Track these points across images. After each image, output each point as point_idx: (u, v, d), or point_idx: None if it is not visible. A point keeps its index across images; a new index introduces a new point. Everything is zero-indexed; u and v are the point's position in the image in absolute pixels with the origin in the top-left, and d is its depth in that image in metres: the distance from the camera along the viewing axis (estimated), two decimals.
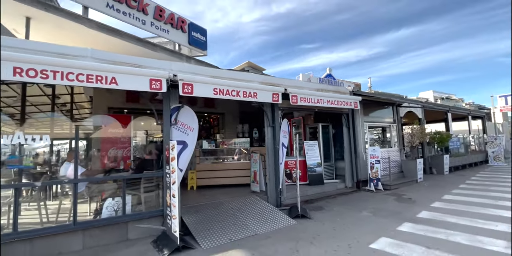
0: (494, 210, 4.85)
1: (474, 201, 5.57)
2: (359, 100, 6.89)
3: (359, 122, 7.52)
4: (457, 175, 9.35)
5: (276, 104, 5.62)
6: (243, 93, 4.73)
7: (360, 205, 5.63)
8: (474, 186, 7.26)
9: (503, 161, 12.57)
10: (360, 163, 7.27)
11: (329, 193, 6.57)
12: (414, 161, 8.23)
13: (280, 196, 5.49)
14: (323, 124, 7.71)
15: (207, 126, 11.04)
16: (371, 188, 6.95)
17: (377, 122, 8.49)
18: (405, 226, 4.13)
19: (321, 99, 6.04)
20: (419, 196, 6.19)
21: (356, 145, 7.29)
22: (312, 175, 6.99)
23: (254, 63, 10.12)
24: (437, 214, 4.70)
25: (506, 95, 18.42)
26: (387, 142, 8.98)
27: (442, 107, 11.60)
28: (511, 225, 3.96)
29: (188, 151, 4.45)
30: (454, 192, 6.50)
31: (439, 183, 7.83)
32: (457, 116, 13.68)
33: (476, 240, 3.47)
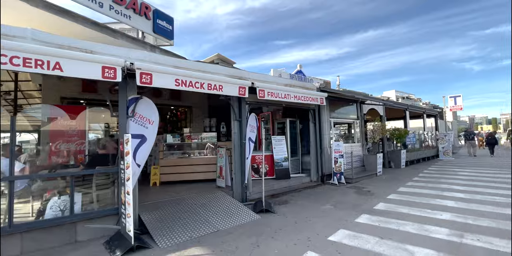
0: (440, 200, 5.28)
1: (425, 192, 6.03)
2: (325, 96, 7.04)
3: (325, 118, 7.71)
4: (412, 169, 10.10)
5: (243, 98, 5.52)
6: (207, 86, 4.54)
7: (323, 198, 5.80)
8: (426, 178, 7.88)
9: (451, 156, 13.87)
10: (325, 158, 7.50)
11: (295, 187, 6.68)
12: (374, 156, 8.70)
13: (245, 191, 5.45)
14: (291, 120, 7.79)
15: (174, 120, 10.62)
16: (335, 182, 7.21)
17: (342, 118, 8.80)
18: (363, 218, 4.32)
19: (288, 94, 6.05)
20: (377, 189, 6.55)
21: (321, 140, 7.48)
22: (279, 169, 7.05)
23: (224, 56, 9.87)
24: (392, 206, 5.00)
25: (455, 96, 20.35)
26: (351, 137, 9.37)
27: (401, 106, 12.40)
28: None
29: (147, 145, 4.17)
30: (408, 185, 6.99)
31: (396, 176, 8.38)
32: (414, 114, 14.76)
33: (423, 229, 3.73)
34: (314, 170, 7.38)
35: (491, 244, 3.19)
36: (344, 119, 8.93)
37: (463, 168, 10.01)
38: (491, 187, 6.30)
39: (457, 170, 9.53)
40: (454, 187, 6.51)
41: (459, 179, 7.63)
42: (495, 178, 7.44)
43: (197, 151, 7.49)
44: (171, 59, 4.74)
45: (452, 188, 6.41)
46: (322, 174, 7.42)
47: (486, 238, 3.37)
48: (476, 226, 3.81)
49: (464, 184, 6.78)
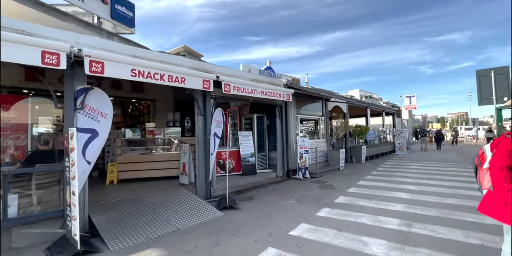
0: (395, 193, 5.66)
1: (381, 185, 6.42)
2: (291, 92, 7.11)
3: (292, 114, 7.82)
4: (371, 163, 10.74)
5: (208, 92, 5.33)
6: (168, 78, 4.28)
7: (288, 193, 5.88)
8: (383, 172, 8.42)
9: (406, 151, 15.05)
10: (291, 153, 7.62)
11: (260, 183, 6.69)
12: (337, 151, 9.07)
13: (209, 188, 5.30)
14: (258, 115, 7.76)
15: (136, 114, 10.00)
16: (300, 177, 7.37)
17: (308, 115, 9.00)
18: (324, 211, 4.45)
19: (255, 89, 5.98)
20: (339, 183, 6.83)
21: (287, 136, 7.57)
22: (245, 165, 7.00)
23: (190, 48, 9.46)
24: (352, 199, 5.23)
25: (410, 96, 22.14)
26: (316, 133, 9.66)
27: (363, 104, 13.08)
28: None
29: (99, 141, 3.82)
30: (367, 178, 7.40)
31: (357, 171, 8.83)
32: (374, 112, 15.69)
33: (377, 220, 3.95)
34: (280, 166, 7.46)
35: (434, 232, 3.47)
36: (310, 116, 9.15)
37: (415, 162, 10.90)
38: (437, 179, 6.93)
39: (409, 164, 10.35)
40: (407, 180, 7.03)
41: (411, 172, 8.28)
42: (443, 172, 8.22)
43: (160, 147, 7.13)
44: (129, 47, 4.37)
45: (405, 181, 6.92)
46: (288, 169, 7.54)
47: (431, 226, 3.66)
48: (423, 215, 4.13)
49: (415, 177, 7.36)
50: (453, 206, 4.59)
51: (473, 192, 5.47)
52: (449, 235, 3.36)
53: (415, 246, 3.07)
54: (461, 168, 8.87)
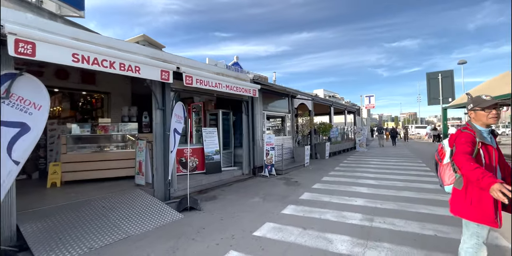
0: (356, 187, 5.82)
1: (343, 180, 6.59)
2: (258, 88, 6.94)
3: (258, 111, 7.66)
4: (334, 159, 11.11)
5: (167, 84, 4.90)
6: (120, 66, 3.80)
7: (253, 191, 5.72)
8: (345, 168, 8.72)
9: (365, 147, 15.94)
10: (257, 150, 7.48)
11: (225, 181, 6.43)
12: (303, 148, 9.17)
13: (169, 188, 4.91)
14: (224, 111, 7.47)
15: (87, 108, 9.01)
16: (266, 174, 7.27)
17: (274, 111, 8.94)
18: (289, 209, 4.36)
19: (220, 83, 5.68)
20: (304, 179, 6.86)
21: (254, 132, 7.41)
22: (209, 163, 6.68)
23: (151, 38, 8.78)
24: (316, 195, 5.24)
25: (370, 95, 23.63)
26: (283, 130, 9.66)
27: (327, 102, 13.50)
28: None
29: (31, 137, 3.23)
30: (331, 174, 7.57)
31: (321, 167, 9.03)
32: (337, 111, 16.34)
33: (341, 216, 3.96)
34: (246, 163, 7.28)
35: (394, 225, 3.57)
36: (277, 113, 9.11)
37: (373, 158, 11.54)
38: (393, 174, 7.34)
39: (369, 159, 10.92)
40: (367, 174, 7.34)
41: (370, 167, 8.70)
42: (398, 166, 8.77)
43: (114, 145, 6.46)
44: (69, 28, 3.77)
45: (365, 175, 7.22)
46: (254, 166, 7.39)
47: (390, 220, 3.76)
48: (383, 209, 4.26)
49: (374, 172, 7.73)
50: (409, 199, 4.83)
51: (425, 185, 5.86)
52: (406, 228, 3.47)
53: (377, 241, 3.10)
54: (414, 163, 9.57)
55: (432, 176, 6.97)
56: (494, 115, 1.85)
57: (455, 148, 1.86)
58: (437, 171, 2.18)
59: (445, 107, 10.22)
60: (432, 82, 10.82)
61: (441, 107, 10.52)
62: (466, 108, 2.03)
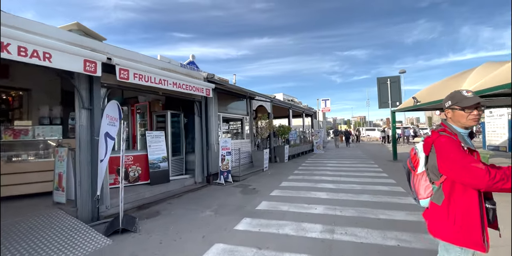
0: (315, 193, 5.56)
1: (302, 185, 6.32)
2: (212, 87, 6.34)
3: (213, 112, 7.04)
4: (293, 163, 10.97)
5: (97, 79, 4.03)
6: (18, 49, 2.88)
7: (206, 202, 5.06)
8: (303, 171, 8.55)
9: (322, 149, 16.31)
10: (212, 156, 6.83)
11: (174, 192, 5.65)
12: (262, 152, 8.78)
13: (97, 206, 3.99)
14: (173, 112, 6.67)
15: (1, 108, 7.35)
16: (221, 181, 6.66)
17: (232, 113, 8.40)
18: (244, 223, 3.82)
19: (165, 80, 4.94)
20: (262, 186, 6.42)
21: (208, 136, 6.76)
22: (155, 172, 5.82)
23: (87, 27, 7.54)
24: (274, 203, 4.81)
25: (326, 99, 24.69)
26: (240, 133, 9.16)
27: (286, 104, 13.44)
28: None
29: None
30: (290, 179, 7.28)
31: (280, 171, 8.73)
32: (296, 113, 16.48)
33: (300, 229, 3.56)
34: (199, 170, 6.57)
35: (356, 236, 3.28)
36: (234, 115, 8.58)
37: (330, 160, 11.72)
38: (349, 176, 7.35)
39: (326, 162, 11.03)
40: (325, 178, 7.22)
41: (328, 170, 8.67)
42: (354, 168, 8.91)
43: (31, 153, 5.22)
44: None
45: (323, 179, 7.08)
46: (208, 174, 6.71)
47: (351, 230, 3.48)
48: (343, 217, 3.99)
49: (331, 175, 7.66)
50: (367, 203, 4.68)
51: (380, 187, 5.87)
52: (369, 239, 3.20)
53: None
54: (367, 164, 9.88)
55: (385, 177, 7.13)
56: (475, 116, 1.56)
57: (450, 157, 1.48)
58: (410, 181, 1.86)
59: (393, 111, 10.84)
60: (382, 86, 11.43)
61: (390, 110, 11.14)
62: (443, 106, 1.73)
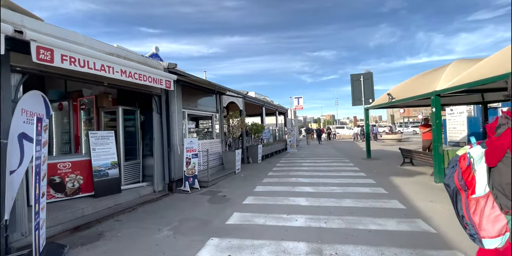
0: (293, 198, 4.93)
1: (279, 190, 5.67)
2: (173, 79, 5.40)
3: (176, 109, 6.09)
4: (267, 163, 10.35)
5: (4, 60, 2.93)
6: None
7: (166, 217, 4.17)
8: (279, 172, 7.94)
9: (296, 148, 15.97)
10: (175, 159, 5.89)
11: (126, 205, 4.64)
12: (233, 152, 7.99)
13: (6, 234, 2.91)
14: (126, 108, 5.61)
15: None
16: (186, 189, 5.75)
17: (199, 110, 7.48)
18: (209, 247, 3.02)
19: (110, 66, 3.93)
20: (234, 192, 5.66)
21: (170, 136, 5.81)
22: (101, 181, 4.74)
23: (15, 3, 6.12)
24: (248, 215, 4.07)
25: (298, 97, 24.58)
26: (209, 133, 8.28)
27: (259, 102, 12.78)
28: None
29: None
30: (264, 182, 6.60)
31: (254, 173, 8.03)
32: (269, 112, 15.90)
33: (281, 250, 2.86)
34: (160, 176, 5.60)
35: None
36: (202, 112, 7.67)
37: (305, 159, 11.31)
38: (327, 177, 6.88)
39: (301, 161, 10.58)
40: (302, 180, 6.66)
41: (304, 170, 8.17)
42: (330, 167, 8.52)
43: None
44: None
45: (300, 181, 6.51)
46: (170, 180, 5.77)
47: (342, 248, 2.86)
48: (330, 230, 3.38)
49: (309, 176, 7.14)
50: (352, 210, 4.16)
51: (361, 189, 5.44)
52: None
53: None
54: (342, 163, 9.59)
55: (363, 177, 6.77)
56: None
57: None
58: (457, 207, 1.23)
59: (367, 108, 10.71)
60: (356, 83, 11.27)
61: (364, 107, 11.01)
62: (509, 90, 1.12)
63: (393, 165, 8.74)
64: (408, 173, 7.24)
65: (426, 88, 6.61)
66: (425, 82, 7.15)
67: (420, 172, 7.22)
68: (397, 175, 6.95)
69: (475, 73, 5.20)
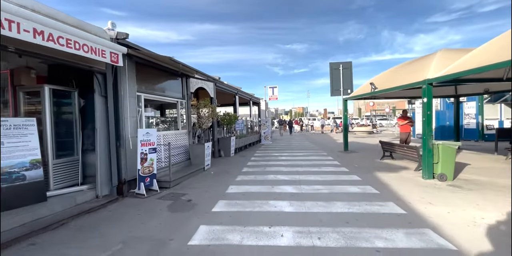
0: (274, 202, 4.09)
1: (256, 190, 4.80)
2: (123, 52, 4.14)
3: (128, 91, 4.83)
4: (241, 156, 9.44)
5: None
6: None
7: (104, 235, 3.06)
8: (254, 167, 7.08)
9: (270, 140, 15.25)
10: (126, 155, 4.69)
11: (52, 219, 3.42)
12: (202, 146, 6.92)
13: None
14: (56, 89, 4.23)
15: None
16: (141, 191, 4.62)
17: (161, 95, 6.22)
18: None
19: (14, 21, 2.62)
20: (202, 194, 4.67)
21: (119, 126, 4.58)
22: (11, 188, 3.42)
23: None
24: (218, 230, 3.14)
25: (273, 87, 23.78)
26: (174, 123, 7.09)
27: (232, 90, 11.69)
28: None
29: None
30: (239, 180, 5.69)
31: (226, 169, 7.07)
32: (242, 101, 14.88)
33: None
34: (105, 177, 4.40)
35: None
36: (164, 97, 6.41)
37: (281, 152, 10.59)
38: (308, 173, 6.18)
39: (277, 154, 9.83)
40: (281, 177, 5.87)
41: (282, 165, 7.41)
42: (308, 161, 7.86)
43: None
44: None
45: (279, 179, 5.72)
46: (120, 181, 4.59)
47: None
48: (327, 251, 2.58)
49: (288, 172, 6.39)
50: (347, 218, 3.42)
51: (349, 188, 4.78)
52: None
53: None
54: (320, 156, 9.02)
55: (346, 172, 6.18)
56: None
57: None
58: None
59: (345, 98, 10.20)
60: (335, 72, 10.68)
61: (342, 98, 10.50)
62: None
63: (372, 158, 8.36)
64: (391, 167, 6.81)
65: (412, 77, 6.11)
66: (410, 72, 6.67)
67: (402, 167, 6.83)
68: (381, 170, 6.48)
69: (473, 61, 4.70)
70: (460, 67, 4.82)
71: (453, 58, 5.90)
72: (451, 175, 5.28)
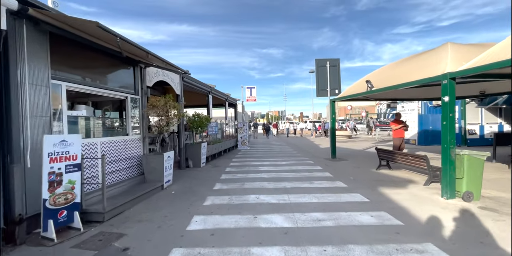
0: (259, 251, 2.62)
1: (231, 226, 3.29)
2: (9, 7, 2.45)
3: (33, 77, 3.10)
4: (213, 167, 7.86)
5: None
6: None
7: None
8: (229, 184, 5.56)
9: (247, 145, 13.78)
10: (26, 176, 2.95)
11: None
12: (160, 156, 5.25)
13: None
14: None
15: None
16: (49, 234, 2.90)
17: (98, 87, 4.47)
18: None
19: None
20: (149, 235, 3.06)
21: (11, 131, 2.84)
22: None
23: None
24: None
25: (251, 87, 22.36)
26: (120, 126, 5.35)
27: (204, 87, 10.07)
28: None
29: None
30: (207, 205, 4.15)
31: (192, 186, 5.47)
32: (217, 102, 13.29)
33: None
34: None
35: None
36: (106, 91, 4.67)
37: (260, 160, 9.17)
38: (299, 190, 4.80)
39: (257, 163, 8.39)
40: (265, 198, 4.43)
41: (264, 179, 5.97)
42: (295, 172, 6.50)
43: None
44: None
45: (264, 201, 4.28)
46: (12, 219, 2.83)
47: None
48: None
49: (273, 190, 4.96)
50: None
51: (361, 218, 3.44)
52: None
53: None
54: (307, 166, 7.72)
55: (346, 189, 4.89)
56: None
57: None
58: None
59: (333, 99, 9.09)
60: (321, 70, 9.54)
61: (329, 99, 9.38)
62: None
63: (366, 167, 7.24)
64: (394, 181, 5.68)
65: (426, 72, 5.05)
66: (420, 67, 5.62)
67: (407, 180, 5.72)
68: (384, 184, 5.30)
69: (504, 52, 3.67)
70: (494, 58, 3.75)
71: (468, 51, 4.94)
72: (479, 194, 4.21)
